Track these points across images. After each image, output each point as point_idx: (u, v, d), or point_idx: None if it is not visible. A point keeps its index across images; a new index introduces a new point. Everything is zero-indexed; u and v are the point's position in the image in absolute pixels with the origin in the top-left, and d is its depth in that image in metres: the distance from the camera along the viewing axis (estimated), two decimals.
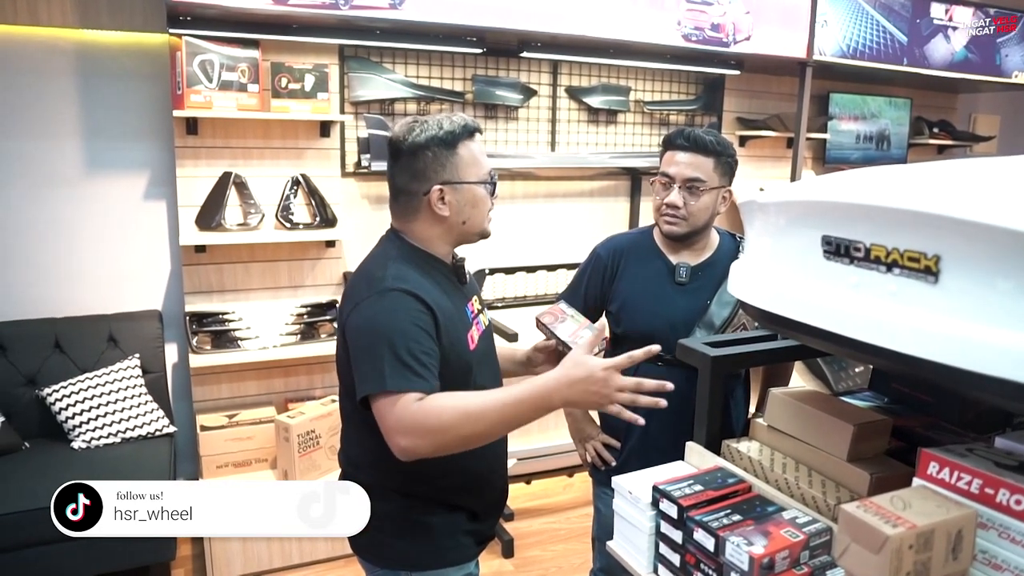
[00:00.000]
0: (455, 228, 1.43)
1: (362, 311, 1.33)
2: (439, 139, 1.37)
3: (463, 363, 1.42)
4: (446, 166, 1.38)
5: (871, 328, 0.98)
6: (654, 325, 1.78)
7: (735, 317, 1.79)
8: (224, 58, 2.71)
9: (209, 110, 2.72)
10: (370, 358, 1.28)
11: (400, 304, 1.31)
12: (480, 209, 1.43)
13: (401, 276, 1.35)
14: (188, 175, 2.89)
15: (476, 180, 1.41)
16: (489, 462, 1.54)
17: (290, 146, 3.03)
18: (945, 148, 4.77)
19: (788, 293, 1.14)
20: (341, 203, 3.12)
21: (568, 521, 3.16)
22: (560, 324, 1.65)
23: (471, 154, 1.40)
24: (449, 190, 1.38)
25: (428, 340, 1.31)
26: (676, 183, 1.76)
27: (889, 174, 1.08)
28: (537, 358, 1.70)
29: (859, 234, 1.00)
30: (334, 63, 3.02)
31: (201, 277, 3.00)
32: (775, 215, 1.17)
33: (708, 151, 1.75)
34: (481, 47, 3.05)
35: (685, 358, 1.54)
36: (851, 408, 1.40)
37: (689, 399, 1.79)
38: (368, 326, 1.31)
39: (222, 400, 3.08)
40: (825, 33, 3.33)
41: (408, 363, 1.27)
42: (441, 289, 1.41)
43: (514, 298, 3.31)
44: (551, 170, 3.53)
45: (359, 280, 1.41)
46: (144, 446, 2.76)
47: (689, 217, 1.77)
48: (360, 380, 1.31)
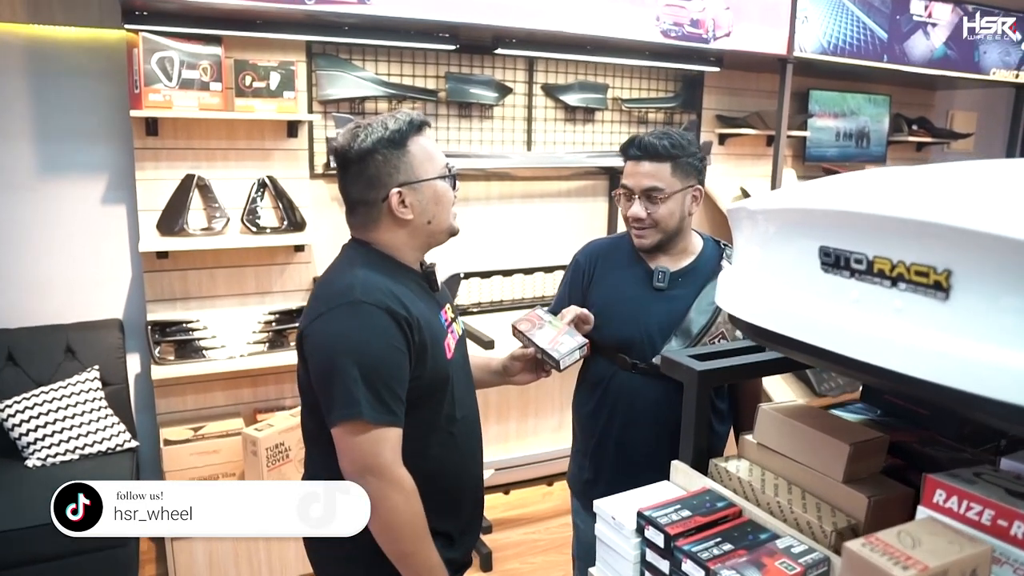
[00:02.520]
0: (421, 230, 1.34)
1: (329, 325, 1.23)
2: (387, 140, 1.28)
3: (441, 373, 1.34)
4: (399, 167, 1.29)
5: (873, 347, 0.90)
6: (630, 332, 1.70)
7: (713, 325, 1.71)
8: (184, 55, 2.59)
9: (169, 110, 2.59)
10: (341, 380, 1.18)
11: (375, 322, 1.21)
12: (444, 205, 1.35)
13: (372, 286, 1.25)
14: (148, 178, 2.76)
15: (434, 175, 1.33)
16: (464, 480, 1.45)
17: (256, 147, 2.91)
18: (924, 145, 4.75)
19: (781, 307, 1.06)
20: (310, 206, 3.00)
21: (548, 531, 3.08)
22: (538, 331, 1.57)
23: (423, 149, 1.32)
24: (408, 191, 1.30)
25: (403, 368, 1.23)
26: (635, 194, 1.68)
27: (893, 179, 1.01)
28: (513, 367, 1.62)
29: (861, 245, 0.92)
30: (301, 60, 2.91)
31: (164, 284, 2.87)
32: (767, 223, 1.09)
33: (661, 156, 1.65)
34: (454, 43, 2.95)
35: (669, 372, 1.46)
36: (845, 425, 1.33)
37: (666, 410, 1.71)
38: (338, 344, 1.21)
39: (187, 412, 2.95)
40: (805, 29, 3.27)
41: (382, 394, 1.18)
42: (414, 295, 1.32)
43: (490, 303, 3.22)
44: (527, 170, 3.45)
45: (323, 290, 1.31)
46: (104, 463, 2.64)
47: (656, 225, 1.68)
48: (328, 403, 1.21)
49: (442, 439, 1.37)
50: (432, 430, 1.34)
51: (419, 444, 1.30)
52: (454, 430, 1.38)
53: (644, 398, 1.71)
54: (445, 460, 1.37)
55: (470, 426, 1.45)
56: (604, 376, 1.76)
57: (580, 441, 1.87)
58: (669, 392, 1.68)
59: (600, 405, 1.78)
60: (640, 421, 1.73)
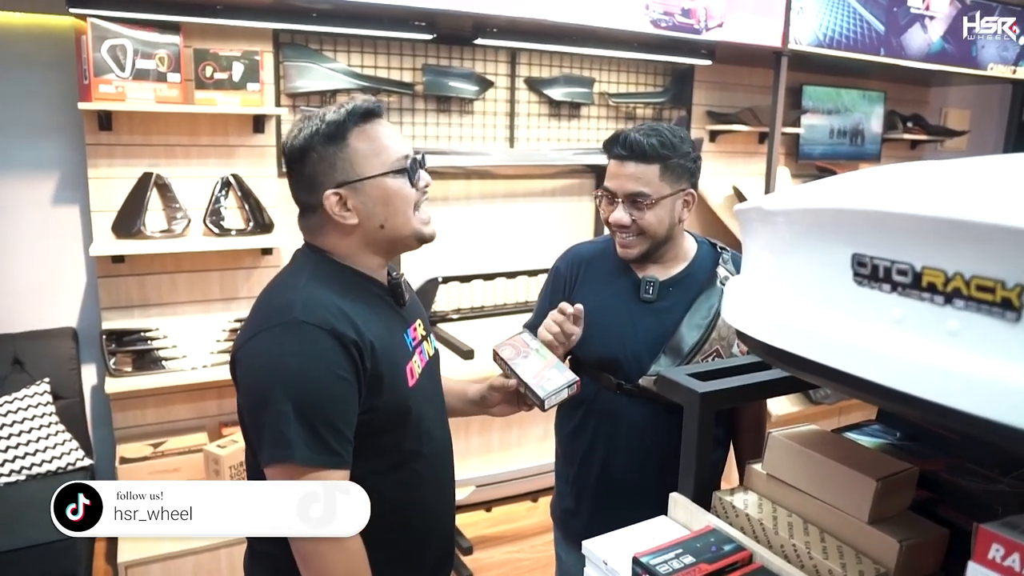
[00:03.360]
0: (375, 236, 1.15)
1: (260, 348, 1.05)
2: (322, 134, 1.10)
3: (400, 405, 1.16)
4: (336, 164, 1.11)
5: (920, 378, 0.74)
6: (614, 349, 1.52)
7: (706, 343, 1.54)
8: (138, 44, 2.40)
9: (122, 102, 2.40)
10: (271, 416, 1.01)
11: (316, 346, 1.03)
12: (397, 205, 1.14)
13: (316, 303, 1.07)
14: (102, 176, 2.57)
15: (380, 171, 1.13)
16: (431, 522, 1.28)
17: (219, 143, 2.73)
18: (918, 143, 4.64)
19: (802, 326, 0.89)
20: (278, 206, 2.82)
21: (533, 550, 2.91)
22: (522, 360, 1.38)
23: (370, 141, 1.13)
24: (349, 192, 1.11)
25: (348, 400, 1.05)
26: (619, 198, 1.48)
27: (941, 174, 0.85)
28: (492, 398, 1.43)
29: (906, 253, 0.76)
30: (267, 50, 2.72)
31: (120, 290, 2.68)
32: (787, 226, 0.93)
33: (649, 157, 1.45)
34: (431, 32, 2.77)
35: (667, 394, 1.30)
36: (869, 455, 1.17)
37: (654, 435, 1.54)
38: (270, 371, 1.03)
39: (147, 427, 2.77)
40: (801, 21, 3.13)
41: (320, 432, 1.01)
42: (374, 313, 1.14)
43: (470, 309, 3.04)
44: (510, 168, 3.28)
45: (261, 305, 1.13)
46: (55, 483, 2.38)
47: (642, 233, 1.49)
48: (259, 442, 1.04)
49: (404, 477, 1.19)
50: (391, 468, 1.16)
51: (375, 485, 1.13)
52: (418, 467, 1.21)
53: (630, 422, 1.54)
54: (408, 502, 1.20)
55: (439, 461, 1.27)
56: (586, 396, 1.59)
57: (561, 466, 1.71)
58: (657, 415, 1.52)
59: (581, 427, 1.62)
60: (625, 446, 1.56)
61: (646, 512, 1.57)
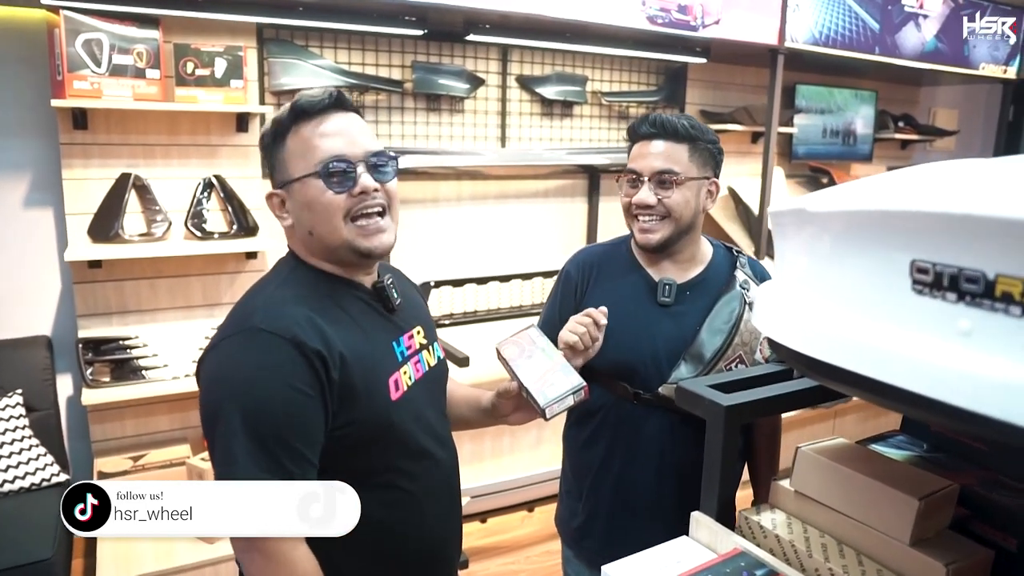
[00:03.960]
0: (310, 242, 1.08)
1: (217, 357, 0.99)
2: (268, 134, 1.07)
3: (380, 419, 1.06)
4: (276, 165, 1.07)
5: (991, 398, 0.67)
6: (631, 356, 1.45)
7: (729, 348, 1.47)
8: (115, 38, 2.28)
9: (98, 100, 2.29)
10: (221, 430, 0.94)
11: (272, 356, 0.96)
12: (319, 212, 1.04)
13: (278, 311, 0.99)
14: (77, 177, 2.46)
15: (302, 173, 1.04)
16: (432, 545, 1.19)
17: (201, 143, 2.62)
18: (908, 143, 4.62)
19: (848, 337, 0.82)
20: (263, 208, 2.69)
21: (529, 561, 2.83)
22: (525, 360, 1.29)
23: (301, 141, 1.04)
24: (285, 194, 1.07)
25: (308, 415, 0.97)
26: (645, 177, 1.42)
27: (1006, 172, 0.78)
28: (504, 407, 1.34)
29: (976, 260, 0.69)
30: (251, 46, 2.62)
31: (97, 297, 2.56)
32: (833, 229, 0.85)
33: (680, 137, 1.41)
34: (422, 28, 2.68)
35: (688, 407, 1.22)
36: (905, 471, 1.10)
37: (677, 447, 1.46)
38: (222, 382, 0.97)
39: (127, 439, 2.65)
40: (797, 19, 3.08)
41: (270, 448, 0.94)
42: (352, 320, 1.06)
43: (463, 314, 2.96)
44: (502, 168, 3.19)
45: (230, 314, 1.07)
46: (28, 500, 2.32)
47: (668, 215, 1.42)
48: (211, 456, 0.98)
49: (392, 497, 1.10)
50: (376, 487, 1.07)
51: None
52: (409, 486, 1.11)
53: (649, 433, 1.47)
54: (398, 523, 1.11)
55: (436, 481, 1.17)
56: (600, 406, 1.51)
57: (571, 480, 1.62)
58: (678, 426, 1.44)
59: (594, 439, 1.54)
60: (643, 460, 1.48)
61: (664, 529, 1.50)
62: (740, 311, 1.46)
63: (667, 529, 1.49)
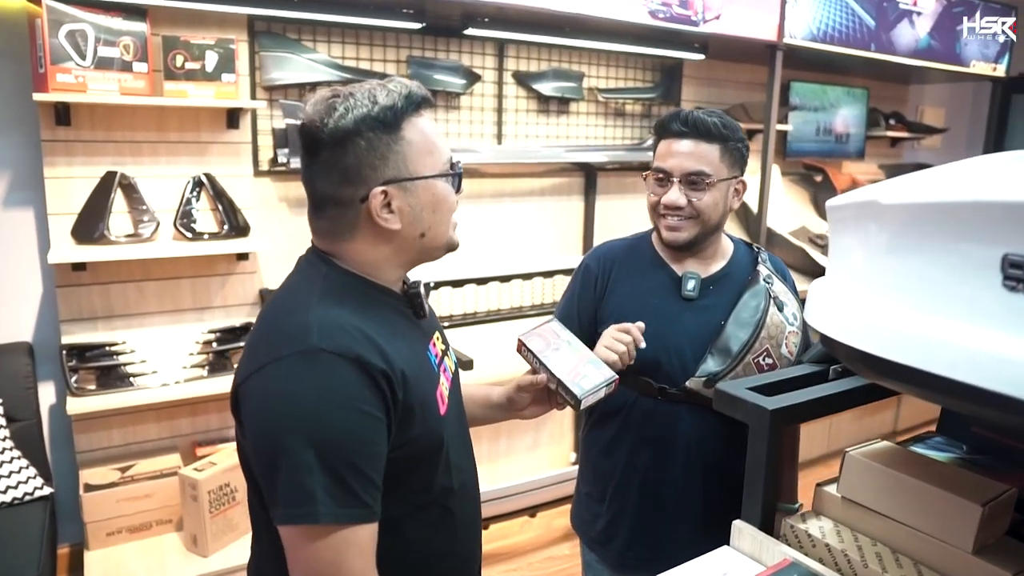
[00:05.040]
0: (411, 245, 1.00)
1: (273, 383, 0.88)
2: (374, 119, 0.93)
3: (433, 437, 1.00)
4: (388, 157, 0.94)
5: None
6: (655, 350, 1.41)
7: (756, 341, 1.44)
8: (100, 30, 2.18)
9: (83, 94, 2.18)
10: (289, 467, 0.84)
11: (338, 380, 0.87)
12: (443, 214, 1.01)
13: (335, 326, 0.90)
14: (60, 175, 2.34)
15: (434, 172, 0.98)
16: (469, 565, 1.13)
17: (190, 139, 2.52)
18: (898, 141, 4.63)
19: (929, 337, 0.77)
20: (255, 208, 2.62)
21: (531, 568, 2.76)
22: (553, 353, 1.24)
23: (423, 136, 0.97)
24: (397, 191, 0.95)
25: (379, 441, 0.89)
26: (675, 177, 1.41)
27: None
28: (521, 400, 1.28)
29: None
30: (242, 39, 2.52)
31: (82, 301, 2.45)
32: (909, 222, 0.80)
33: (712, 136, 1.41)
34: (420, 21, 2.60)
35: (727, 410, 1.17)
36: (962, 476, 1.06)
37: (707, 444, 1.44)
38: (284, 412, 0.86)
39: (114, 449, 2.54)
40: (795, 15, 3.05)
41: (348, 482, 0.85)
42: (396, 332, 0.98)
43: (462, 316, 2.88)
44: (498, 166, 3.12)
45: (267, 328, 0.96)
46: (9, 516, 2.21)
47: (697, 216, 1.42)
48: (272, 495, 0.87)
49: (434, 518, 1.03)
50: (420, 509, 1.00)
51: (400, 530, 0.97)
52: (451, 504, 1.05)
53: (677, 431, 1.43)
54: (438, 546, 1.04)
55: (469, 495, 1.11)
56: (622, 404, 1.47)
57: (592, 483, 1.57)
58: (708, 422, 1.41)
59: (618, 440, 1.49)
60: (669, 457, 1.44)
61: (691, 529, 1.45)
62: (766, 305, 1.45)
63: (694, 528, 1.45)
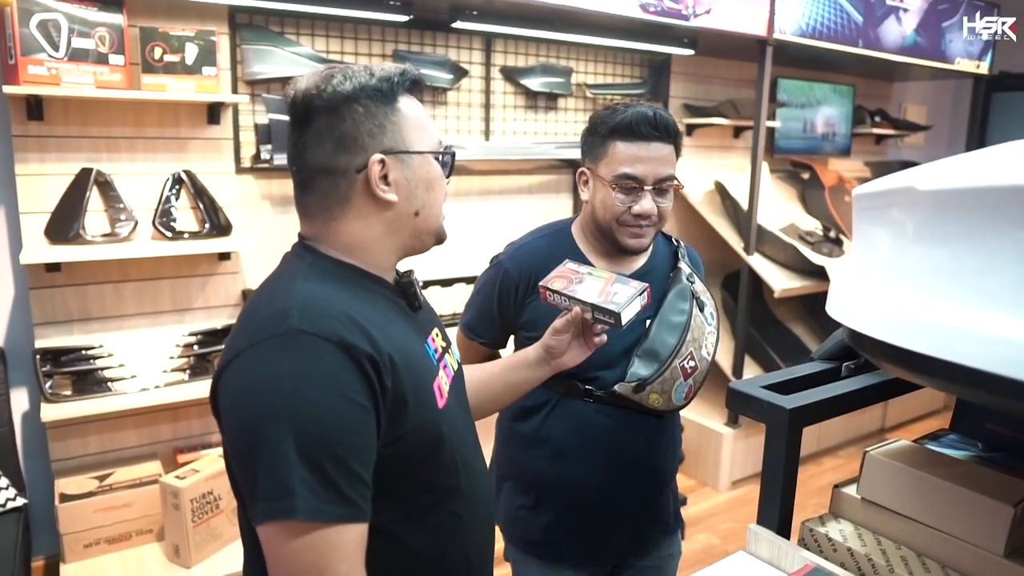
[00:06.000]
0: (405, 223, 0.95)
1: (251, 369, 0.81)
2: (373, 88, 0.90)
3: (431, 431, 0.93)
4: (386, 127, 0.91)
5: None
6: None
7: (682, 346, 1.37)
8: (74, 20, 2.09)
9: (56, 87, 2.09)
10: (266, 457, 0.77)
11: (321, 363, 0.80)
12: (437, 194, 0.98)
13: (317, 307, 0.84)
14: (32, 172, 2.25)
15: (429, 149, 0.95)
16: (483, 567, 1.07)
17: (169, 135, 2.43)
18: (882, 138, 4.64)
19: (972, 329, 0.73)
20: (237, 206, 2.54)
21: None
22: (578, 285, 1.20)
23: (417, 113, 0.95)
24: (394, 163, 0.91)
25: (366, 432, 0.82)
26: (648, 185, 1.31)
27: None
28: (559, 344, 1.20)
29: None
30: (223, 31, 2.44)
31: (56, 303, 2.36)
32: (951, 210, 0.76)
33: (671, 136, 1.34)
34: (408, 14, 2.54)
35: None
36: (988, 475, 1.02)
37: (629, 446, 1.39)
38: (262, 399, 0.79)
39: (91, 457, 2.45)
40: (784, 10, 3.03)
41: (331, 476, 0.77)
42: (387, 320, 0.92)
43: (452, 315, 2.82)
44: (486, 163, 3.07)
45: (248, 316, 0.90)
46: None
47: (659, 221, 1.36)
48: (250, 491, 0.80)
49: (440, 522, 0.96)
50: (422, 512, 0.94)
51: (402, 536, 0.91)
52: (456, 507, 0.98)
53: (599, 432, 1.39)
54: (444, 554, 0.97)
55: (479, 498, 1.03)
56: (545, 402, 1.41)
57: (515, 480, 1.48)
58: (629, 423, 1.38)
59: (541, 438, 1.42)
60: (593, 458, 1.40)
61: (616, 526, 1.42)
62: (691, 308, 1.40)
63: (623, 525, 1.42)
